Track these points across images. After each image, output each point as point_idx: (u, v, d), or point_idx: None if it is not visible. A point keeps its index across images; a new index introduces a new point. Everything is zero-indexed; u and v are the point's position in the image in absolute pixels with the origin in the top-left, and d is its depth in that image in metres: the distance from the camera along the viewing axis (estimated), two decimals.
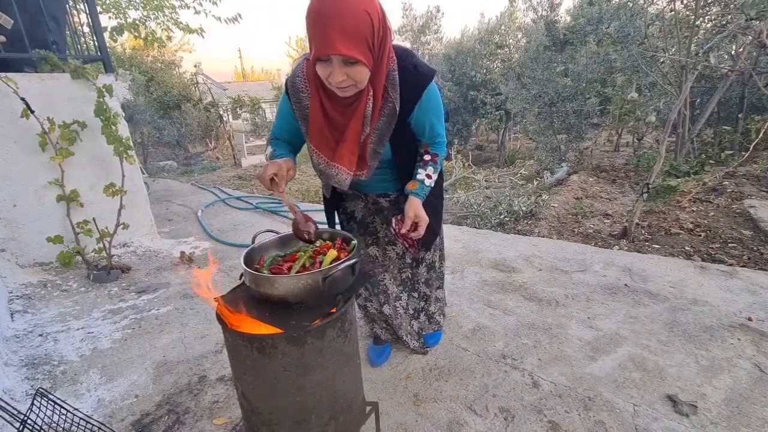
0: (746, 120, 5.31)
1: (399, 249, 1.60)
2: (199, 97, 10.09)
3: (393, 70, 1.16)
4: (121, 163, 2.85)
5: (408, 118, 1.24)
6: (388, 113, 1.19)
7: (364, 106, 1.14)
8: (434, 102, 1.26)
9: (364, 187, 1.46)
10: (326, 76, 1.04)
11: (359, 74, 1.04)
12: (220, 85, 15.90)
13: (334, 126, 1.20)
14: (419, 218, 1.25)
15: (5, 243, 2.74)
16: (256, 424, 1.05)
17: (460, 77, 9.74)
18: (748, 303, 2.11)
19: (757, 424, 1.39)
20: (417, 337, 1.80)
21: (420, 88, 1.20)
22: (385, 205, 1.54)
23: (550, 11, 8.70)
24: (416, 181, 1.30)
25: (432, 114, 1.27)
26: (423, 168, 1.31)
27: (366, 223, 1.58)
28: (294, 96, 1.22)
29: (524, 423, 1.44)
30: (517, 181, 5.91)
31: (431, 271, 1.73)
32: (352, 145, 1.19)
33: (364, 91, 1.12)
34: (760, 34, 3.17)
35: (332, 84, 1.05)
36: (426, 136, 1.31)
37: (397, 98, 1.17)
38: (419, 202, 1.27)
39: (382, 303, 1.64)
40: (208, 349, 1.94)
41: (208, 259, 3.05)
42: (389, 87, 1.16)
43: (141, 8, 5.92)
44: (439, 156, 1.34)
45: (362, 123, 1.16)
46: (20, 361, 1.88)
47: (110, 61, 3.18)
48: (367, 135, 1.20)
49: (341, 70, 1.01)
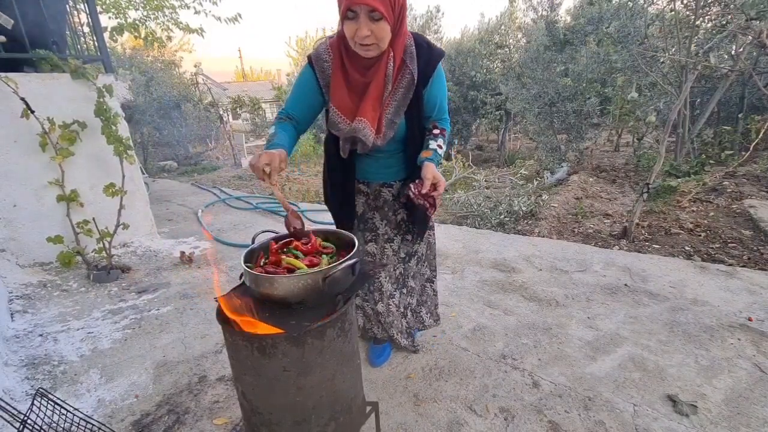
0: (746, 120, 5.31)
1: (395, 245, 1.61)
2: (199, 97, 10.10)
3: (410, 45, 1.29)
4: (121, 163, 2.85)
5: (423, 90, 1.35)
6: (406, 84, 1.31)
7: (385, 65, 1.24)
8: (443, 81, 1.41)
9: (369, 174, 1.54)
10: (352, 34, 1.15)
11: (383, 31, 1.14)
12: (220, 85, 15.89)
13: (356, 87, 1.29)
14: (437, 179, 1.29)
15: (5, 243, 2.74)
16: (256, 424, 1.05)
17: (460, 77, 9.74)
18: (748, 303, 2.11)
19: (757, 424, 1.39)
20: (406, 335, 1.79)
21: (434, 61, 1.33)
22: (387, 197, 1.56)
23: (550, 11, 8.71)
24: (429, 150, 1.37)
25: (442, 91, 1.41)
26: (434, 140, 1.40)
27: (366, 219, 1.60)
28: (318, 65, 1.31)
29: (524, 423, 1.44)
30: (517, 181, 5.91)
31: (419, 264, 1.74)
32: (375, 102, 1.28)
33: (385, 53, 1.23)
34: (760, 34, 3.17)
35: (357, 41, 1.15)
36: (435, 112, 1.43)
37: (414, 69, 1.30)
38: (434, 166, 1.33)
39: (377, 301, 1.64)
40: (208, 349, 1.94)
41: (209, 259, 3.06)
42: (407, 59, 1.29)
43: (141, 8, 5.92)
44: (447, 131, 1.44)
45: (383, 81, 1.26)
46: (20, 361, 1.88)
47: (110, 61, 3.18)
48: (388, 94, 1.29)
49: (367, 26, 1.12)
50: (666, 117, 5.00)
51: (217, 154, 10.46)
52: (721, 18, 4.49)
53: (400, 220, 1.60)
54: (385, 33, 1.15)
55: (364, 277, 1.15)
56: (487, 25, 11.04)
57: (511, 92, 7.46)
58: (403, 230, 1.62)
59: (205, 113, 9.89)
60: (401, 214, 1.59)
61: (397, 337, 1.74)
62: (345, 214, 1.60)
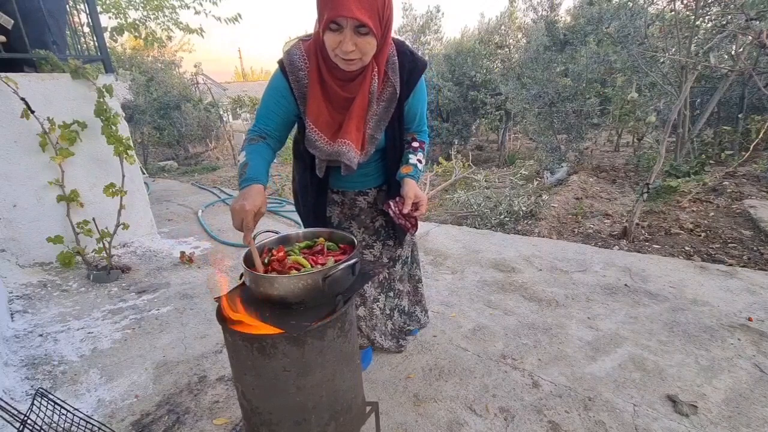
0: (746, 120, 5.31)
1: (376, 251, 1.58)
2: (199, 97, 10.09)
3: (393, 55, 1.20)
4: (121, 163, 2.85)
5: (405, 102, 1.28)
6: (388, 97, 1.23)
7: (369, 82, 1.15)
8: (425, 92, 1.35)
9: (344, 182, 1.46)
10: (334, 47, 1.04)
11: (368, 46, 1.05)
12: (220, 85, 15.88)
13: (336, 102, 1.19)
14: (419, 197, 1.26)
15: (5, 243, 2.74)
16: (256, 424, 1.05)
17: (460, 77, 9.73)
18: (748, 303, 2.11)
19: (757, 424, 1.39)
20: (390, 337, 1.76)
21: (417, 72, 1.25)
22: (362, 205, 1.52)
23: (550, 11, 8.72)
24: (409, 165, 1.33)
25: (423, 102, 1.35)
26: (413, 153, 1.36)
27: (342, 229, 1.53)
28: (292, 74, 1.18)
29: (524, 423, 1.44)
30: (517, 181, 5.91)
31: (405, 267, 1.72)
32: (359, 121, 1.20)
33: (369, 67, 1.14)
34: (760, 34, 3.17)
35: (340, 54, 1.05)
36: (415, 123, 1.38)
37: (397, 81, 1.21)
38: (415, 183, 1.29)
39: (358, 305, 1.60)
40: (208, 349, 1.94)
41: (209, 258, 3.06)
42: (389, 71, 1.20)
43: (141, 8, 5.92)
44: (426, 143, 1.41)
45: (368, 99, 1.18)
46: (20, 361, 1.88)
47: (110, 61, 3.17)
48: (371, 114, 1.21)
49: (352, 39, 1.02)
50: (666, 117, 5.00)
51: (217, 154, 10.44)
52: (721, 18, 4.49)
53: (378, 227, 1.56)
54: (371, 47, 1.06)
55: (364, 277, 1.15)
56: (487, 25, 11.04)
57: (511, 92, 7.45)
58: (383, 236, 1.57)
59: (205, 113, 9.88)
60: (380, 220, 1.55)
61: (379, 340, 1.71)
62: (318, 225, 1.47)
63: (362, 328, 1.65)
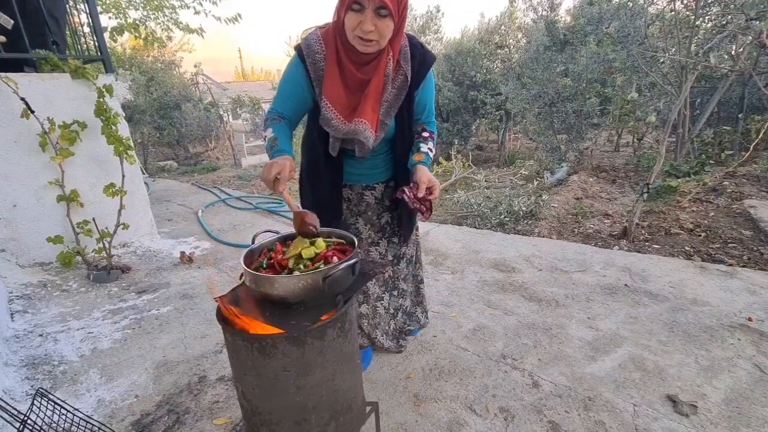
0: (746, 120, 5.32)
1: (382, 249, 1.59)
2: (199, 97, 10.09)
3: (405, 45, 1.28)
4: (121, 163, 2.85)
5: (415, 92, 1.34)
6: (399, 84, 1.29)
7: (384, 65, 1.22)
8: (433, 84, 1.42)
9: (352, 176, 1.49)
10: (354, 27, 1.11)
11: (386, 28, 1.12)
12: (220, 85, 15.89)
13: (352, 84, 1.25)
14: (432, 182, 1.28)
15: (5, 243, 2.74)
16: (256, 424, 1.05)
17: (460, 77, 9.72)
18: (748, 303, 2.11)
19: (757, 424, 1.39)
20: (392, 336, 1.77)
21: (427, 63, 1.33)
22: (369, 201, 1.53)
23: (550, 11, 8.71)
24: (421, 153, 1.36)
25: (432, 94, 1.42)
26: (424, 143, 1.39)
27: (348, 224, 1.56)
28: (309, 57, 1.24)
29: (524, 423, 1.44)
30: (517, 181, 5.91)
31: (410, 266, 1.72)
32: (375, 103, 1.25)
33: (384, 51, 1.21)
34: (760, 34, 3.17)
35: (359, 34, 1.12)
36: (424, 114, 1.43)
37: (408, 69, 1.28)
38: (427, 169, 1.31)
39: (361, 303, 1.60)
40: (208, 349, 1.94)
41: (208, 259, 3.06)
42: (401, 59, 1.27)
43: (141, 8, 5.93)
44: (435, 134, 1.44)
45: (383, 81, 1.24)
46: (20, 361, 1.88)
47: (110, 61, 3.17)
48: (383, 99, 1.26)
49: (372, 20, 1.09)
50: (666, 117, 5.00)
51: (217, 154, 10.45)
52: (721, 18, 4.49)
53: (384, 224, 1.57)
54: (389, 30, 1.13)
55: (364, 277, 1.15)
56: (487, 25, 11.03)
57: (511, 92, 7.45)
58: (388, 233, 1.59)
59: (205, 113, 9.88)
60: (385, 217, 1.57)
61: (381, 339, 1.70)
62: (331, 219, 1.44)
63: (363, 326, 1.65)
